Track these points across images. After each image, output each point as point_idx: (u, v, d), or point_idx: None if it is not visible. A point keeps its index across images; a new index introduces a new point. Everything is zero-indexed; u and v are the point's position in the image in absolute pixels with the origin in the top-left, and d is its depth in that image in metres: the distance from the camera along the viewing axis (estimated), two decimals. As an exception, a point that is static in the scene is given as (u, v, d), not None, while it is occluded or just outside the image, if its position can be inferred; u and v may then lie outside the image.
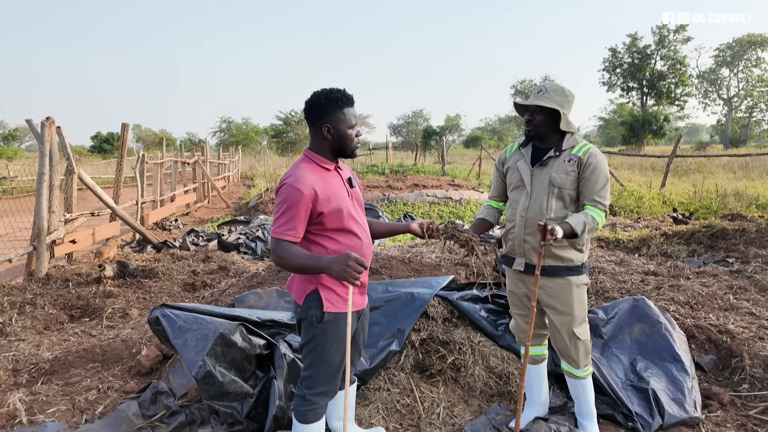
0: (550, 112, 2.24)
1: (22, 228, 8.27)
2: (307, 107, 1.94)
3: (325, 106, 1.90)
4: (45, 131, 5.22)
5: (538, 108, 2.26)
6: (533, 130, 2.29)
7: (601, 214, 2.21)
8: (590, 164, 2.22)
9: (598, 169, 2.22)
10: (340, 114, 1.92)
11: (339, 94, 1.91)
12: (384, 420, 2.59)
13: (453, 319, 3.08)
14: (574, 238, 2.14)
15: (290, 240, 1.85)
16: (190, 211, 12.62)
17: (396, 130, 55.84)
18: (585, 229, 2.13)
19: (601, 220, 2.20)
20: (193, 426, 2.53)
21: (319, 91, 1.93)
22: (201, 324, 2.52)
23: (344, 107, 1.93)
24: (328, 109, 1.91)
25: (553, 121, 2.25)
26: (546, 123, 2.26)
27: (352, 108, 1.96)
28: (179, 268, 5.61)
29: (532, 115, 2.28)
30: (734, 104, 47.30)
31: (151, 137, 50.76)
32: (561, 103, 2.22)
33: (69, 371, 3.23)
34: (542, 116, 2.26)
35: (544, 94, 2.24)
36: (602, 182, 2.23)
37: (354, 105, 1.98)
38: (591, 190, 2.22)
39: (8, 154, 37.04)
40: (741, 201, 9.72)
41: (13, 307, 4.33)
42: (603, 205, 2.22)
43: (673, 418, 2.57)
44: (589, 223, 2.15)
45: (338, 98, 1.91)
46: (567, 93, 2.26)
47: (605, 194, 2.23)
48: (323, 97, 1.90)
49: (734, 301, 3.75)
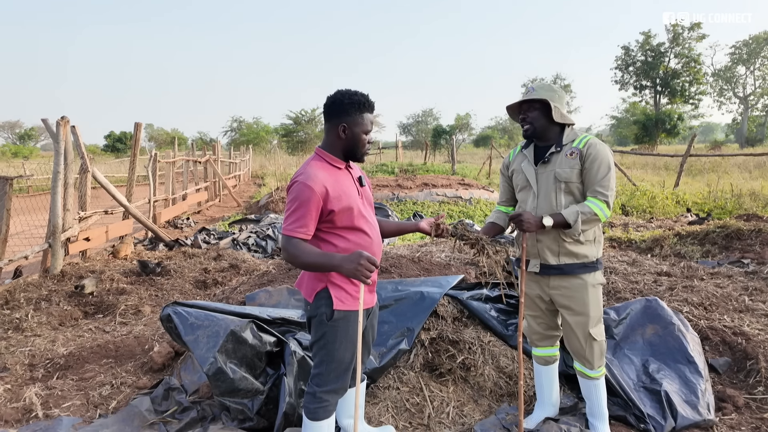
0: (541, 105, 2.28)
1: (37, 226, 8.40)
2: (328, 103, 1.96)
3: (347, 106, 1.93)
4: (60, 130, 5.31)
5: (528, 105, 2.30)
6: (530, 128, 2.32)
7: (601, 205, 2.18)
8: (590, 154, 2.21)
9: (599, 158, 2.20)
10: (359, 117, 1.94)
11: (362, 98, 1.95)
12: (393, 419, 2.59)
13: (463, 318, 3.08)
14: (568, 228, 2.17)
15: (301, 237, 1.86)
16: (201, 209, 12.74)
17: (406, 129, 55.83)
18: (578, 219, 2.14)
19: (600, 211, 2.18)
20: (205, 422, 2.56)
21: (344, 91, 1.95)
22: (212, 321, 2.55)
23: (364, 112, 1.95)
24: (349, 110, 1.93)
25: (546, 115, 2.28)
26: (539, 117, 2.29)
27: (371, 114, 2.00)
28: (191, 266, 5.66)
29: (525, 114, 2.32)
30: (750, 102, 46.49)
31: (163, 136, 51.31)
32: (550, 97, 2.26)
33: (83, 367, 3.28)
34: (534, 112, 2.29)
35: (531, 92, 2.30)
36: (603, 172, 2.20)
37: (373, 112, 2.02)
38: (592, 181, 2.21)
39: (24, 153, 37.71)
40: (757, 201, 9.55)
41: (29, 303, 4.41)
42: (604, 195, 2.19)
43: (686, 420, 2.54)
44: (585, 213, 2.15)
45: (361, 102, 1.94)
46: (555, 88, 2.30)
47: (607, 184, 2.19)
48: (347, 97, 1.93)
49: (749, 302, 3.69)
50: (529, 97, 2.27)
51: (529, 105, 2.30)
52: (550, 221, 2.17)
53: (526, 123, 2.32)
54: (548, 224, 2.17)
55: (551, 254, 2.29)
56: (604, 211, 2.19)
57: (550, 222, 2.17)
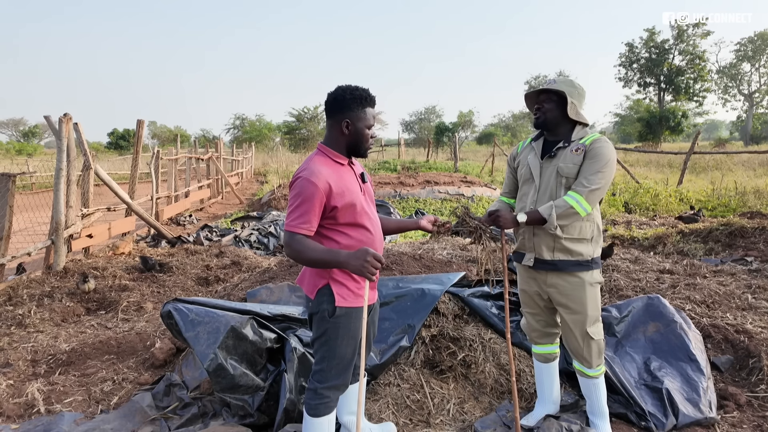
0: (558, 99, 2.26)
1: (41, 223, 8.45)
2: (330, 99, 1.95)
3: (349, 102, 1.92)
4: (62, 127, 5.32)
5: (546, 96, 2.29)
6: (541, 117, 2.31)
7: (578, 197, 2.14)
8: (593, 149, 2.20)
9: (599, 155, 2.17)
10: (361, 112, 1.94)
11: (364, 92, 1.94)
12: (394, 415, 2.59)
13: (464, 315, 3.07)
14: (544, 223, 2.19)
15: (304, 233, 1.86)
16: (203, 206, 12.76)
17: (408, 127, 55.74)
18: (552, 213, 2.14)
19: (576, 203, 2.14)
20: (205, 418, 2.57)
21: (345, 86, 1.95)
22: (212, 317, 2.55)
23: (366, 106, 1.95)
24: (351, 105, 1.92)
25: (561, 109, 2.27)
26: (553, 110, 2.28)
27: (372, 109, 1.99)
28: (193, 263, 5.67)
29: (540, 104, 2.31)
30: (755, 100, 46.21)
31: (167, 134, 51.42)
32: (569, 92, 2.24)
33: (85, 362, 3.29)
34: (551, 103, 2.28)
35: (552, 83, 2.29)
36: (596, 167, 2.16)
37: (375, 106, 2.01)
38: (582, 173, 2.19)
39: (28, 150, 37.80)
40: (761, 199, 9.50)
41: (32, 300, 4.43)
42: (584, 187, 2.14)
43: (688, 418, 2.53)
44: (559, 207, 2.14)
45: (363, 96, 1.93)
46: (576, 85, 2.29)
47: (593, 178, 2.15)
48: (348, 93, 1.92)
49: (753, 300, 3.67)
50: (549, 87, 2.27)
51: (547, 96, 2.29)
52: (523, 218, 2.20)
53: (539, 111, 2.31)
54: (522, 220, 2.20)
55: (547, 249, 2.28)
56: (581, 204, 2.14)
57: (524, 218, 2.20)
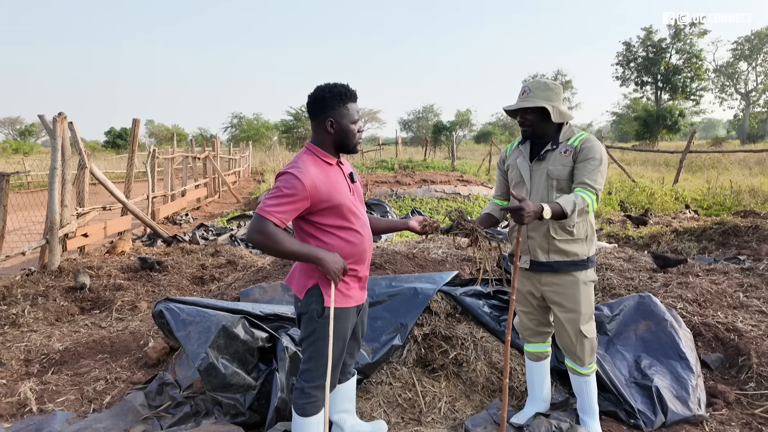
0: (539, 110, 2.26)
1: (36, 222, 8.42)
2: (310, 101, 1.94)
3: (329, 100, 1.90)
4: (57, 126, 5.31)
5: (526, 109, 2.27)
6: (528, 130, 2.32)
7: (592, 197, 2.17)
8: (583, 149, 2.21)
9: (591, 153, 2.20)
10: (343, 109, 1.92)
11: (343, 89, 1.92)
12: (385, 413, 2.61)
13: (456, 314, 3.08)
14: (564, 218, 2.12)
15: (275, 222, 1.80)
16: (200, 205, 12.75)
17: (406, 126, 55.74)
18: (575, 209, 2.11)
19: (591, 202, 2.17)
20: (198, 417, 2.57)
21: (323, 86, 1.93)
22: (204, 317, 2.56)
23: (348, 102, 1.93)
24: (332, 104, 1.91)
25: (544, 118, 2.27)
26: (538, 120, 2.28)
27: (355, 103, 1.97)
28: (188, 262, 5.67)
29: (523, 117, 2.30)
30: (752, 99, 46.33)
31: (164, 132, 51.29)
32: (547, 98, 2.23)
33: (78, 362, 3.30)
34: (533, 115, 2.27)
35: (528, 94, 2.25)
36: (594, 165, 2.19)
37: (357, 100, 1.98)
38: (581, 174, 2.20)
39: (25, 149, 37.67)
40: (756, 198, 9.53)
41: (26, 299, 4.42)
42: (593, 188, 2.17)
43: (677, 416, 2.55)
44: (579, 204, 2.13)
45: (342, 93, 1.91)
46: (551, 86, 2.27)
47: (596, 177, 2.18)
48: (327, 92, 1.90)
49: (744, 299, 3.69)
50: (527, 104, 2.24)
51: (527, 108, 2.27)
52: (549, 212, 2.06)
53: (525, 125, 2.31)
54: (548, 216, 2.07)
55: (541, 251, 2.29)
56: (594, 203, 2.19)
57: (550, 212, 2.06)
